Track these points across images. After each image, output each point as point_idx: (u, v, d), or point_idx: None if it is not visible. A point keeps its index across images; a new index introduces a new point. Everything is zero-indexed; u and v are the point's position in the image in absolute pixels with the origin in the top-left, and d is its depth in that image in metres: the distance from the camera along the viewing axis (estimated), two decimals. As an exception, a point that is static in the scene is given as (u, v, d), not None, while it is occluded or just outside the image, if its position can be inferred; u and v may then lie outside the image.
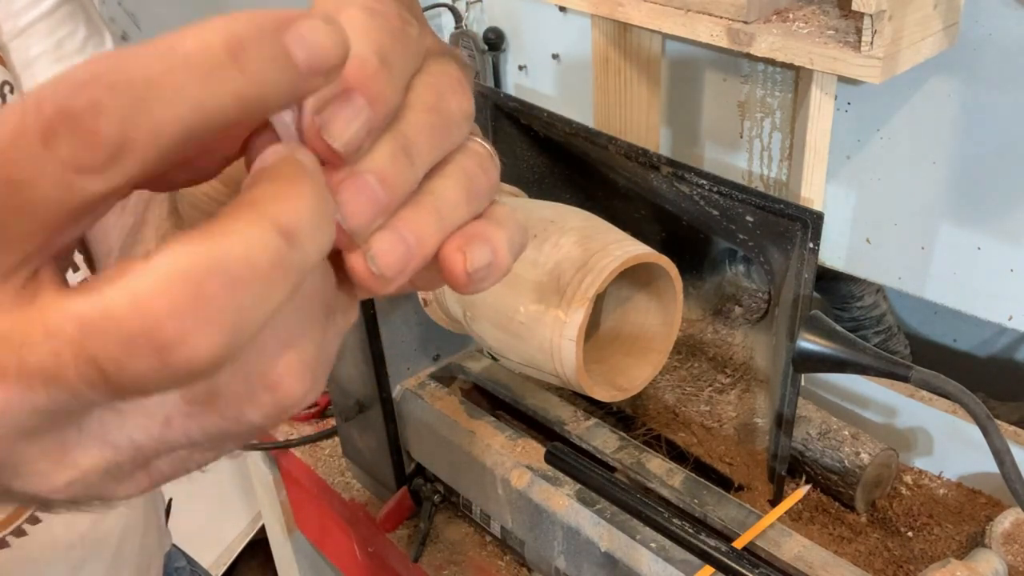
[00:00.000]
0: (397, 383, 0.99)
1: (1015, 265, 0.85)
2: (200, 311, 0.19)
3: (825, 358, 0.70)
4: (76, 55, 0.65)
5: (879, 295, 1.09)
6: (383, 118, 0.24)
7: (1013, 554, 0.84)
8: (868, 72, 0.72)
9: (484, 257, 0.27)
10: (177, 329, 0.18)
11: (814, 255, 0.76)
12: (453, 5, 1.33)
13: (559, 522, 0.82)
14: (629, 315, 0.75)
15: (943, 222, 0.88)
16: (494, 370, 0.99)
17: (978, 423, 0.65)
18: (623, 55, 0.97)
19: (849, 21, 0.76)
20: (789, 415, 0.84)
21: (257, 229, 0.20)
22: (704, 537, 0.71)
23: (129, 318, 0.18)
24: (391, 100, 0.25)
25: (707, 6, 0.80)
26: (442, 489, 1.02)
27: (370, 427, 1.02)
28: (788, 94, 0.94)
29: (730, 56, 0.97)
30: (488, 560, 0.99)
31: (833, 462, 0.93)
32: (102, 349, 0.19)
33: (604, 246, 0.67)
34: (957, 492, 0.96)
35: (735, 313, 1.01)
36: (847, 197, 0.94)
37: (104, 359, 0.19)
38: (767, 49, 0.77)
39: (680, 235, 0.98)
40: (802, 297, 0.77)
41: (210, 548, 1.74)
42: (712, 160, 1.06)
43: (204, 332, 0.19)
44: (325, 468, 1.15)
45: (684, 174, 0.82)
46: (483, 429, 0.91)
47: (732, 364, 1.00)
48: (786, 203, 0.77)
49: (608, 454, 0.86)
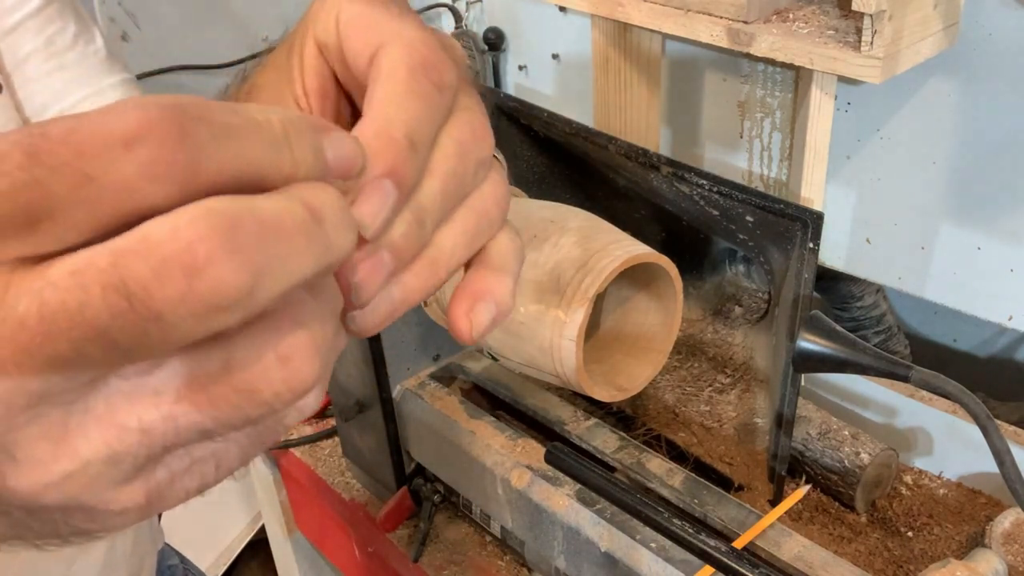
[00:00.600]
0: (397, 383, 0.99)
1: (1015, 265, 0.85)
2: (230, 244, 0.20)
3: (825, 358, 0.70)
4: (67, 52, 0.65)
5: (879, 295, 1.09)
6: (407, 197, 0.26)
7: (1013, 554, 0.84)
8: (868, 72, 0.72)
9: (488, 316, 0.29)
10: (207, 254, 0.20)
11: (814, 255, 0.76)
12: (453, 5, 1.33)
13: (559, 522, 0.82)
14: (629, 315, 0.75)
15: (943, 222, 0.88)
16: (494, 370, 0.99)
17: (978, 423, 0.65)
18: (623, 55, 0.97)
19: (849, 21, 0.76)
20: (789, 415, 0.84)
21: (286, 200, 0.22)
22: (704, 537, 0.71)
23: (165, 242, 0.19)
24: (415, 178, 0.26)
25: (707, 6, 0.80)
26: (442, 489, 1.02)
27: (370, 427, 1.02)
28: (788, 94, 0.94)
29: (730, 56, 0.97)
30: (488, 560, 0.99)
31: (833, 462, 0.93)
32: (133, 272, 0.19)
33: (604, 246, 0.67)
34: (957, 492, 0.96)
35: (735, 313, 1.01)
36: (847, 197, 0.94)
37: (133, 283, 0.19)
38: (767, 49, 0.77)
39: (680, 235, 0.98)
40: (802, 297, 0.77)
41: (210, 548, 1.74)
42: (712, 160, 1.06)
43: (231, 264, 0.20)
44: (325, 468, 1.15)
45: (684, 174, 0.82)
46: (483, 429, 0.91)
47: (732, 364, 1.00)
48: (786, 203, 0.77)
49: (608, 454, 0.86)
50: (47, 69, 0.64)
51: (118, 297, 0.19)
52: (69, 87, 0.65)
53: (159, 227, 0.20)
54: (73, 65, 0.65)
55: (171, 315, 0.20)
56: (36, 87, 0.64)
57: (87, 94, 0.66)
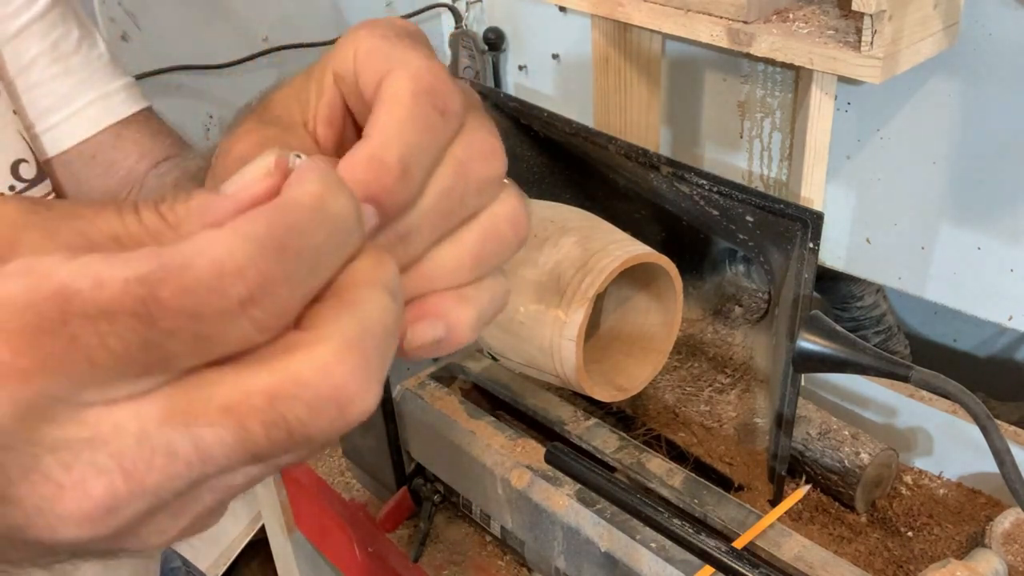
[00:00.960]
0: (397, 383, 0.99)
1: (1015, 265, 0.85)
2: (370, 374, 0.22)
3: (825, 358, 0.70)
4: (72, 56, 0.65)
5: (879, 295, 1.09)
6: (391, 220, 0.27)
7: (1013, 554, 0.84)
8: (868, 72, 0.72)
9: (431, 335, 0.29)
10: (357, 390, 0.22)
11: (814, 255, 0.76)
12: (453, 5, 1.33)
13: (559, 522, 0.82)
14: (629, 315, 0.75)
15: (943, 222, 0.88)
16: (494, 370, 0.99)
17: (978, 423, 0.65)
18: (623, 55, 0.97)
19: (849, 21, 0.76)
20: (789, 415, 0.84)
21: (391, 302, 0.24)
22: (704, 537, 0.71)
23: (319, 383, 0.22)
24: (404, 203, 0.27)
25: (707, 6, 0.80)
26: (442, 489, 1.02)
27: (370, 427, 1.02)
28: (788, 94, 0.94)
29: (730, 56, 0.97)
30: (488, 560, 0.99)
31: (833, 462, 0.93)
32: (292, 411, 0.22)
33: (604, 246, 0.67)
34: (957, 492, 0.96)
35: (735, 313, 1.01)
36: (847, 197, 0.94)
37: (294, 420, 0.22)
38: (767, 49, 0.77)
39: (680, 235, 0.98)
40: (802, 297, 0.77)
41: (210, 548, 1.74)
42: (712, 160, 1.06)
43: (374, 389, 0.23)
44: (325, 468, 1.15)
45: (684, 174, 0.82)
46: (483, 429, 0.91)
47: (732, 364, 1.00)
48: (786, 203, 0.77)
49: (608, 454, 0.86)
50: (52, 73, 0.64)
51: (278, 431, 0.22)
52: (75, 91, 0.65)
53: (308, 366, 0.22)
54: (78, 69, 0.65)
55: (321, 436, 0.22)
56: (41, 91, 0.64)
57: (93, 98, 0.66)
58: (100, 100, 0.66)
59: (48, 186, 0.64)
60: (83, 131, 0.66)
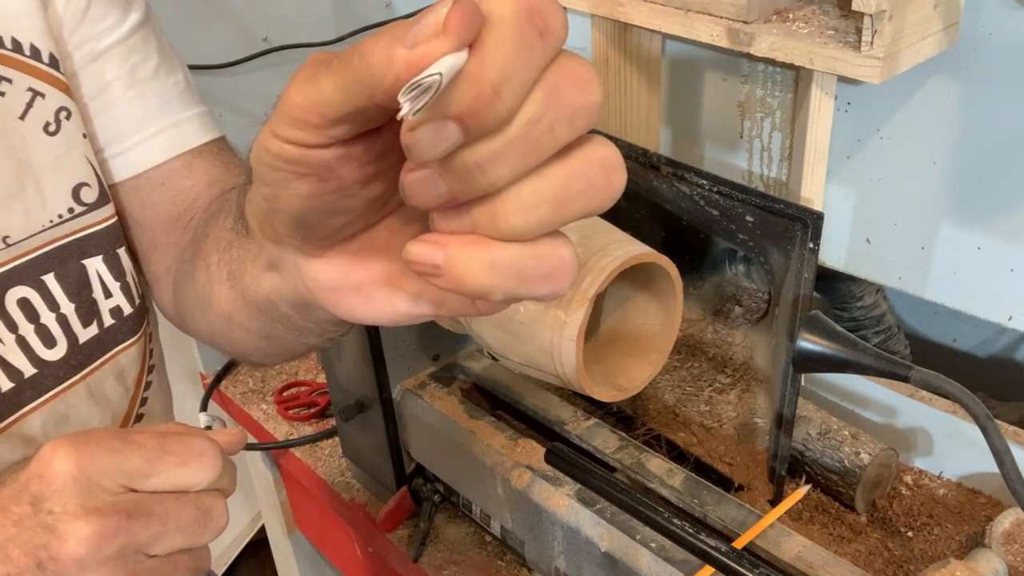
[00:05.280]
0: (397, 383, 0.99)
1: (1015, 265, 0.85)
2: None
3: (825, 358, 0.70)
4: (149, 82, 0.65)
5: (879, 295, 1.09)
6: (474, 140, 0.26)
7: (1013, 554, 0.84)
8: (868, 72, 0.72)
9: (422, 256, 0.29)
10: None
11: (814, 255, 0.76)
12: (453, 5, 1.33)
13: (559, 522, 0.82)
14: (629, 315, 0.75)
15: (943, 222, 0.88)
16: (494, 370, 0.99)
17: (978, 423, 0.65)
18: (623, 55, 0.97)
19: (849, 21, 0.76)
20: (789, 415, 0.84)
21: None
22: (704, 537, 0.71)
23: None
24: (493, 125, 0.26)
25: (707, 6, 0.80)
26: (442, 489, 1.02)
27: (370, 427, 1.02)
28: (788, 94, 0.94)
29: (730, 56, 0.97)
30: (488, 560, 0.99)
31: (833, 462, 0.93)
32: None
33: (604, 246, 0.67)
34: (957, 492, 0.96)
35: (735, 313, 1.01)
36: (847, 197, 0.94)
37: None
38: (767, 49, 0.77)
39: (680, 235, 0.98)
40: (802, 297, 0.77)
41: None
42: (712, 160, 1.06)
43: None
44: (325, 468, 1.15)
45: (684, 174, 0.82)
46: (483, 429, 0.91)
47: (732, 364, 1.00)
48: (786, 203, 0.77)
49: (608, 454, 0.86)
50: (128, 97, 0.64)
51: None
52: (148, 117, 0.65)
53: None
54: (153, 96, 0.65)
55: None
56: (116, 113, 0.64)
57: (164, 126, 0.66)
58: (172, 128, 0.66)
59: (110, 209, 0.64)
60: (154, 158, 0.66)
